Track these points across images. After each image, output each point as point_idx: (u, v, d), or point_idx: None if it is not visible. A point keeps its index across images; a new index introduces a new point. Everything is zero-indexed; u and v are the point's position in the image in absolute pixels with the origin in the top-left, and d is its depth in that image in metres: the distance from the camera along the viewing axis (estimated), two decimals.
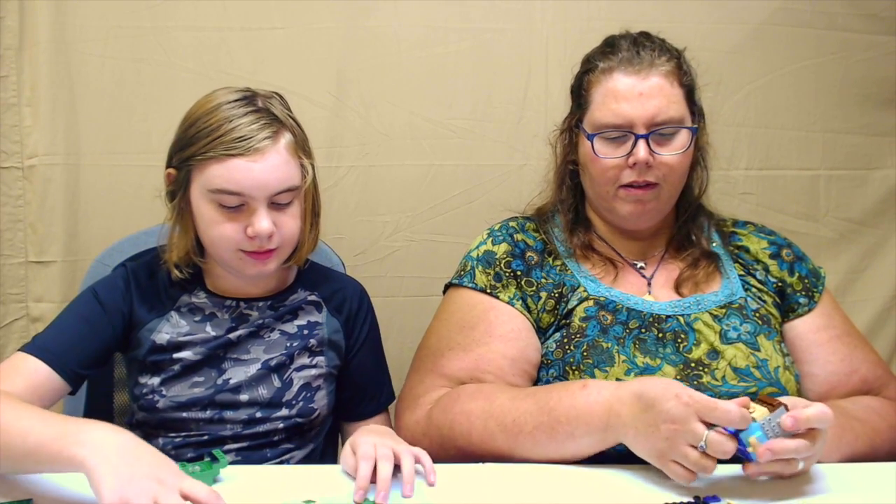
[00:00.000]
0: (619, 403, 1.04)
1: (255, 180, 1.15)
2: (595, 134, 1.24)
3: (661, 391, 1.00)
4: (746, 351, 1.20)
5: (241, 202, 1.16)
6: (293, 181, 1.19)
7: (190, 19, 1.72)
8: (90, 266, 1.50)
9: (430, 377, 1.25)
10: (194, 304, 1.26)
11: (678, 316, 1.24)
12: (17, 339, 1.74)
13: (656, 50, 1.24)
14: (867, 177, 1.89)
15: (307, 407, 1.24)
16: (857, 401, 1.23)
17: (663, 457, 1.00)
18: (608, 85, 1.24)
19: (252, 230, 1.16)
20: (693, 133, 1.25)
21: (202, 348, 1.22)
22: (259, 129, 1.16)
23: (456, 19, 1.77)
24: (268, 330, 1.26)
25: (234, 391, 1.22)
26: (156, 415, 1.21)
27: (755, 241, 1.35)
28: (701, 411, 0.97)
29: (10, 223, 1.72)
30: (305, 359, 1.26)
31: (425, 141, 1.79)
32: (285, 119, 1.20)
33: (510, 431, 1.11)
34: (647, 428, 1.01)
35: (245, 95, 1.20)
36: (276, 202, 1.18)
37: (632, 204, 1.25)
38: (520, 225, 1.35)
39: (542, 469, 1.09)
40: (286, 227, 1.19)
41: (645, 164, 1.21)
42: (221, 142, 1.15)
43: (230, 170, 1.15)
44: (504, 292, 1.26)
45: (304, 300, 1.29)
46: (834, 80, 1.85)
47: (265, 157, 1.15)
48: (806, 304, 1.30)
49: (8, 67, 1.68)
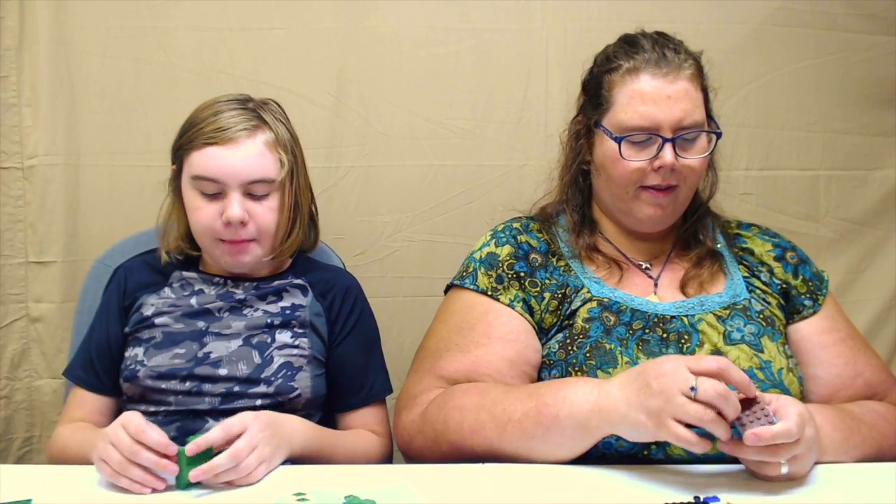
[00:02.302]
0: (609, 384, 1.06)
1: (228, 167, 1.23)
2: (623, 137, 1.22)
3: (650, 361, 1.04)
4: (750, 352, 1.20)
5: (219, 189, 1.24)
6: (267, 173, 1.25)
7: (190, 19, 1.72)
8: (91, 266, 1.51)
9: (427, 378, 1.25)
10: (186, 278, 1.33)
11: (682, 316, 1.24)
12: (17, 339, 1.74)
13: (681, 52, 1.24)
14: (867, 177, 1.89)
15: (286, 385, 1.24)
16: (864, 405, 1.23)
17: (660, 415, 0.99)
18: (634, 86, 1.22)
19: (225, 216, 1.23)
20: (718, 137, 1.25)
21: (181, 315, 1.27)
22: (238, 122, 1.25)
23: (456, 19, 1.77)
24: (251, 308, 1.30)
25: (213, 365, 1.24)
26: (137, 384, 1.24)
27: (759, 243, 1.36)
28: (688, 361, 1.01)
29: (10, 223, 1.72)
30: (288, 338, 1.28)
31: (425, 141, 1.78)
32: (272, 121, 1.28)
33: (499, 420, 1.11)
34: (638, 391, 1.02)
35: (241, 98, 1.30)
36: (252, 192, 1.25)
37: (652, 207, 1.25)
38: (524, 226, 1.34)
39: (542, 469, 1.09)
40: (261, 218, 1.25)
41: (670, 168, 1.21)
42: (203, 132, 1.24)
43: (207, 157, 1.23)
44: (504, 294, 1.26)
45: (290, 283, 1.34)
46: (834, 80, 1.85)
47: (239, 146, 1.23)
48: (811, 306, 1.30)
49: (8, 67, 1.68)
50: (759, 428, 0.97)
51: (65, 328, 1.69)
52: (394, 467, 1.15)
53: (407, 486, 1.04)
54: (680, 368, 1.00)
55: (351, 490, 1.01)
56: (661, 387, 0.99)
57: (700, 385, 0.98)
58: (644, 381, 1.02)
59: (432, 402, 1.20)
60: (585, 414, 1.05)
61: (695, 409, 0.97)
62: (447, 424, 1.15)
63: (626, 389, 1.04)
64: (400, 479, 1.06)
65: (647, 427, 1.01)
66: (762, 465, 1.02)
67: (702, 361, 1.01)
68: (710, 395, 0.98)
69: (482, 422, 1.12)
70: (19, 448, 1.75)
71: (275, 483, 1.06)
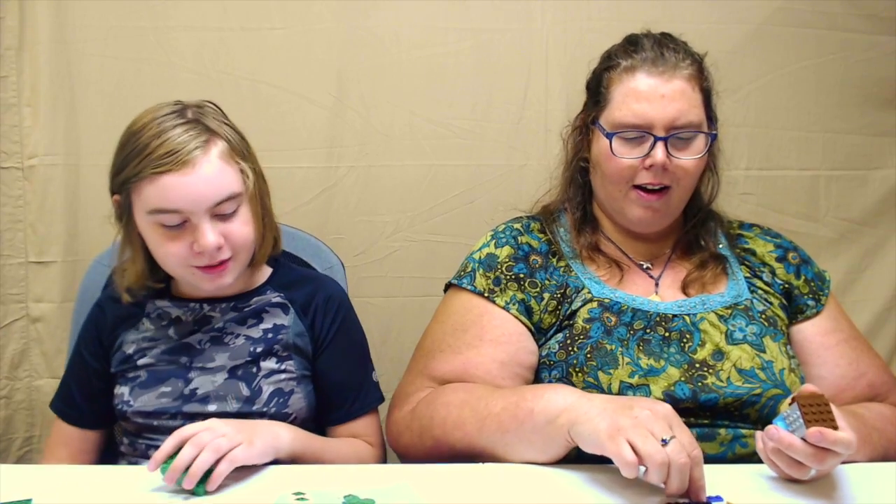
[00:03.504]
0: (597, 395, 1.05)
1: (191, 195, 1.11)
2: (614, 133, 1.23)
3: (651, 399, 1.02)
4: (752, 352, 1.20)
5: (183, 219, 1.13)
6: (232, 188, 1.15)
7: (190, 19, 1.72)
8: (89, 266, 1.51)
9: (420, 378, 1.25)
10: (161, 308, 1.26)
11: (684, 315, 1.24)
12: (17, 339, 1.74)
13: (680, 52, 1.24)
14: (867, 177, 1.89)
15: (281, 412, 1.21)
16: (870, 408, 1.23)
17: (620, 431, 0.94)
18: (630, 84, 1.23)
19: (198, 246, 1.13)
20: (712, 139, 1.25)
21: (163, 353, 1.22)
22: (188, 140, 1.12)
23: (456, 19, 1.77)
24: (232, 336, 1.23)
25: (201, 401, 1.20)
26: (129, 423, 1.22)
27: (761, 243, 1.35)
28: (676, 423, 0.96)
29: (10, 223, 1.72)
30: (273, 364, 1.22)
31: (425, 141, 1.78)
32: (217, 128, 1.16)
33: (480, 415, 1.10)
34: (618, 408, 0.98)
35: (174, 109, 1.16)
36: (220, 213, 1.14)
37: (642, 209, 1.25)
38: (524, 226, 1.34)
39: (542, 469, 1.08)
40: (236, 236, 1.16)
41: (661, 167, 1.21)
42: (151, 159, 1.11)
43: (163, 188, 1.11)
44: (501, 296, 1.26)
45: (269, 302, 1.26)
46: (834, 80, 1.85)
47: (197, 168, 1.11)
48: (813, 306, 1.30)
49: (8, 67, 1.68)
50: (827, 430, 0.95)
51: (65, 328, 1.69)
52: (394, 467, 1.15)
53: (407, 486, 1.04)
54: (668, 418, 0.96)
55: (350, 490, 1.01)
56: (640, 415, 0.96)
57: (672, 443, 0.93)
58: (630, 404, 0.99)
59: (422, 399, 1.21)
60: (557, 410, 1.03)
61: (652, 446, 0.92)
62: (433, 420, 1.16)
63: (609, 403, 1.01)
64: (400, 479, 1.06)
65: (599, 435, 0.96)
66: (795, 465, 0.99)
67: (686, 434, 0.95)
68: (672, 455, 0.92)
69: (464, 417, 1.12)
70: (19, 448, 1.75)
71: (275, 483, 1.05)
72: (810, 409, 0.98)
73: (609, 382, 1.16)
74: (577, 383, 1.18)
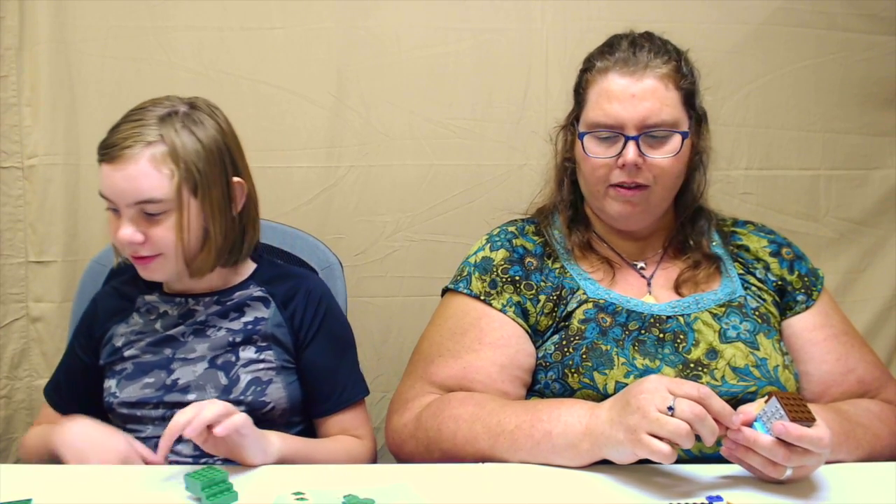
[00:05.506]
0: (600, 406, 1.07)
1: (115, 187, 1.16)
2: (585, 133, 1.25)
3: (636, 381, 1.05)
4: (745, 350, 1.20)
5: (115, 207, 1.18)
6: (153, 193, 1.16)
7: (190, 19, 1.72)
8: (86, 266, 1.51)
9: (419, 383, 1.25)
10: (150, 303, 1.30)
11: (678, 316, 1.24)
12: (17, 339, 1.74)
13: (654, 51, 1.24)
14: (867, 177, 1.89)
15: (258, 400, 1.23)
16: (857, 404, 1.23)
17: (636, 431, 0.98)
18: (602, 85, 1.24)
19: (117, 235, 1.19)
20: (684, 137, 1.24)
21: (149, 345, 1.25)
22: (126, 136, 1.16)
23: (456, 19, 1.77)
24: (214, 329, 1.26)
25: (182, 391, 1.22)
26: (115, 414, 1.25)
27: (755, 239, 1.35)
28: (669, 383, 1.01)
29: (10, 223, 1.72)
30: (252, 353, 1.25)
31: (425, 141, 1.79)
32: (169, 133, 1.17)
33: (493, 431, 1.11)
34: (620, 410, 1.02)
35: (147, 107, 1.20)
36: (146, 211, 1.17)
37: (620, 204, 1.25)
38: (519, 229, 1.34)
39: (543, 469, 1.09)
40: (155, 239, 1.18)
41: (634, 166, 1.21)
42: (101, 145, 1.18)
43: (103, 175, 1.18)
44: (498, 299, 1.26)
45: (251, 296, 1.29)
46: (834, 80, 1.85)
47: (123, 165, 1.15)
48: (804, 301, 1.30)
49: (8, 67, 1.68)
50: (791, 425, 0.97)
51: (65, 328, 1.69)
52: (394, 467, 1.15)
53: (407, 486, 1.04)
54: (660, 388, 1.00)
55: (350, 490, 1.01)
56: (639, 404, 0.99)
57: (678, 405, 0.98)
58: (626, 399, 1.02)
59: (427, 407, 1.20)
60: (577, 435, 1.06)
61: (669, 423, 0.97)
62: (441, 433, 1.15)
63: (611, 410, 1.04)
64: (400, 479, 1.06)
65: (624, 445, 1.00)
66: (769, 465, 1.00)
67: (683, 385, 1.00)
68: (686, 416, 0.97)
69: (476, 432, 1.12)
70: (19, 448, 1.75)
71: (274, 483, 1.06)
72: (790, 403, 0.99)
73: (605, 383, 1.16)
74: (572, 384, 1.18)
